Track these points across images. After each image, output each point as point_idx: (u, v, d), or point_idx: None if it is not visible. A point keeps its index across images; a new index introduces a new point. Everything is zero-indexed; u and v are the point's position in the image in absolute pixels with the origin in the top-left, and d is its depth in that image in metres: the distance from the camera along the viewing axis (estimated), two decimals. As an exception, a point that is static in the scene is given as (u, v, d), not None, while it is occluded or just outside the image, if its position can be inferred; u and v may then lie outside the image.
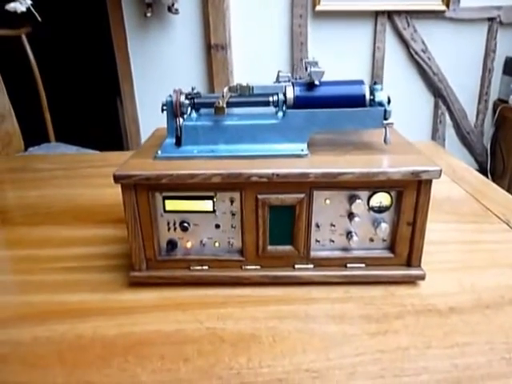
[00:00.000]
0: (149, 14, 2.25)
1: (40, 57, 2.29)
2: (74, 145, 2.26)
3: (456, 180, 1.06)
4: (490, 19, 2.43)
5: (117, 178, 0.61)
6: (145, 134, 2.34)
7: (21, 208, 1.01)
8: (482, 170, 2.65)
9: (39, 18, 1.91)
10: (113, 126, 3.12)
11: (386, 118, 0.66)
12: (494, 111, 2.61)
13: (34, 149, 2.17)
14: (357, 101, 0.67)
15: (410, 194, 0.62)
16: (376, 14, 2.37)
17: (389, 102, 0.66)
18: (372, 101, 0.67)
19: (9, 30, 2.12)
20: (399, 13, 2.37)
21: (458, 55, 2.49)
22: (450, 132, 2.64)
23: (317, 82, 0.67)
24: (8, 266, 0.78)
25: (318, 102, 0.67)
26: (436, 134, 2.61)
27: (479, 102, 2.60)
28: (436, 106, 2.58)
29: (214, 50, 2.34)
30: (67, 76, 3.59)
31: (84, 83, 3.63)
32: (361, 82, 0.68)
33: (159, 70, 2.44)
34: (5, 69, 1.99)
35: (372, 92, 0.67)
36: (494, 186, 1.05)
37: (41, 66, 2.27)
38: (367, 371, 0.51)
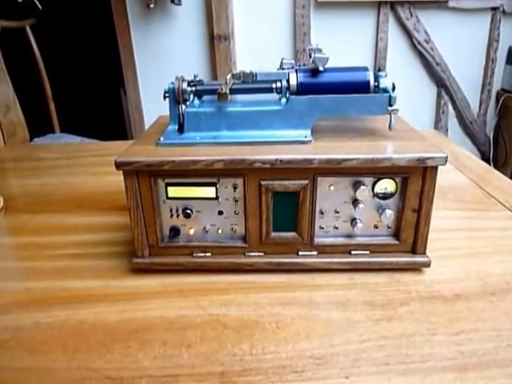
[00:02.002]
0: (152, 6, 2.25)
1: (44, 47, 2.28)
2: (78, 135, 2.27)
3: (459, 168, 1.06)
4: (494, 9, 2.41)
5: (118, 165, 0.60)
6: (148, 124, 2.34)
7: (23, 196, 1.00)
8: (485, 159, 2.63)
9: (40, 7, 1.91)
10: (117, 117, 3.12)
11: (390, 105, 0.65)
12: (497, 101, 2.60)
13: (38, 139, 2.18)
14: (361, 87, 0.66)
15: (416, 180, 0.62)
16: (379, 4, 2.36)
17: (393, 88, 0.65)
18: (376, 87, 0.66)
19: (13, 22, 2.12)
20: (402, 3, 2.35)
21: (460, 45, 2.47)
22: (452, 122, 2.63)
23: (321, 68, 0.65)
24: (10, 253, 0.78)
25: (322, 88, 0.66)
26: (439, 124, 2.60)
27: (482, 92, 2.59)
28: (439, 96, 2.57)
29: (216, 41, 2.33)
30: (71, 67, 3.58)
31: (88, 74, 3.62)
32: (365, 69, 0.67)
33: (162, 61, 2.44)
34: (9, 60, 1.99)
35: (376, 78, 0.66)
36: (498, 173, 1.04)
37: (45, 56, 2.26)
38: (372, 358, 0.51)
